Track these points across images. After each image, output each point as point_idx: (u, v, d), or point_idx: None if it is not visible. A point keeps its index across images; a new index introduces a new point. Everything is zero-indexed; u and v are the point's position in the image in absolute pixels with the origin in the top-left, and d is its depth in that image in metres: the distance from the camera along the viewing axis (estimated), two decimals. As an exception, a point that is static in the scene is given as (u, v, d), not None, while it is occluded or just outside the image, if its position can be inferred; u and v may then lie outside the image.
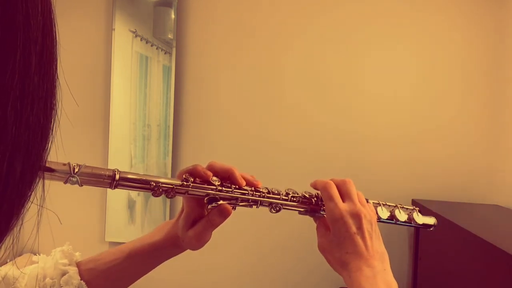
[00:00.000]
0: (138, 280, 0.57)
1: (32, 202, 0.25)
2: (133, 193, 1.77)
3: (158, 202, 1.78)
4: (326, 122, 1.69)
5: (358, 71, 1.69)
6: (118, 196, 1.77)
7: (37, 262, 0.55)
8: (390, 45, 1.67)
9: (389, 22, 1.67)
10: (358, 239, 0.49)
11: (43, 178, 0.26)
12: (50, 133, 0.26)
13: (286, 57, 1.72)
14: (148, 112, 1.77)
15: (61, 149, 0.44)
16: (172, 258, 0.58)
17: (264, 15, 1.74)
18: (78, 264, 0.56)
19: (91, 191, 1.82)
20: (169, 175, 1.77)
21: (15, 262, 0.45)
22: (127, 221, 1.77)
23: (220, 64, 1.76)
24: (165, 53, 1.75)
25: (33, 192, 0.25)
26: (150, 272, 0.58)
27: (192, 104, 1.77)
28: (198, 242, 0.54)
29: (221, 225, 0.52)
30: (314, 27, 1.71)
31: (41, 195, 0.26)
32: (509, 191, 1.49)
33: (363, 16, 1.68)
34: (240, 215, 1.77)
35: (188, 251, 0.56)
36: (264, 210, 1.81)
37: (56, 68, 0.26)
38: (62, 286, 0.52)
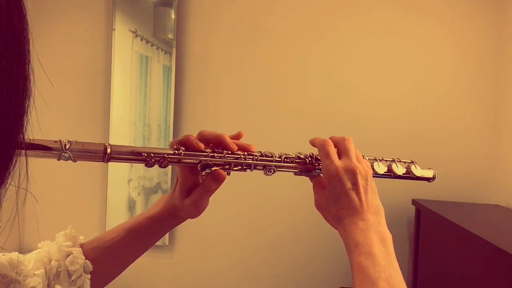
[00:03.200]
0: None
1: (9, 184, 0.25)
2: (133, 193, 1.78)
3: (158, 202, 1.78)
4: (326, 122, 1.69)
5: (358, 73, 1.69)
6: (118, 196, 1.77)
7: (41, 248, 0.55)
8: (391, 46, 1.67)
9: (389, 22, 1.67)
10: (353, 194, 0.50)
11: (26, 155, 0.26)
12: (25, 115, 0.25)
13: (286, 56, 1.72)
14: (148, 112, 1.77)
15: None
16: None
17: (264, 15, 1.74)
18: (81, 245, 0.56)
19: (91, 192, 1.82)
20: (169, 175, 1.77)
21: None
22: (127, 221, 1.77)
23: (220, 64, 1.76)
24: (165, 53, 1.75)
25: (11, 174, 0.25)
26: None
27: (192, 104, 1.77)
28: (196, 210, 0.54)
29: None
30: (313, 27, 1.71)
31: (26, 176, 0.26)
32: (509, 191, 1.49)
33: (365, 21, 1.68)
34: (240, 214, 1.78)
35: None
36: (268, 213, 1.79)
37: (29, 50, 0.25)
38: (68, 267, 0.53)
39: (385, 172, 0.59)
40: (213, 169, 0.52)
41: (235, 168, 0.53)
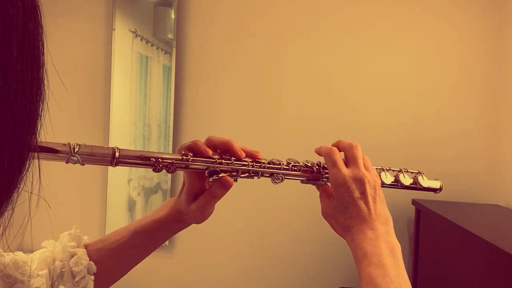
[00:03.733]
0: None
1: (23, 189, 0.25)
2: (133, 193, 1.77)
3: (158, 201, 1.78)
4: (326, 122, 1.69)
5: (358, 72, 1.69)
6: (118, 197, 1.77)
7: (45, 248, 0.55)
8: (391, 48, 1.67)
9: (389, 23, 1.67)
10: (361, 203, 0.49)
11: (38, 159, 0.26)
12: (39, 119, 0.26)
13: (286, 57, 1.72)
14: (148, 112, 1.77)
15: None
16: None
17: (264, 15, 1.74)
18: (86, 246, 0.57)
19: (91, 192, 1.82)
20: (169, 175, 1.77)
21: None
22: (127, 221, 1.77)
23: (220, 64, 1.76)
24: (165, 53, 1.75)
25: (24, 177, 0.25)
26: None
27: (192, 104, 1.77)
28: (202, 215, 0.54)
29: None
30: (313, 27, 1.71)
31: (38, 181, 0.26)
32: (509, 191, 1.49)
33: (364, 19, 1.68)
34: (240, 214, 1.77)
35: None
36: (266, 212, 1.79)
37: (43, 54, 0.25)
38: (71, 268, 0.53)
39: (392, 182, 0.58)
40: (220, 175, 0.51)
41: (242, 175, 0.53)
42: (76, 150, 0.42)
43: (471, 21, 1.63)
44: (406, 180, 0.59)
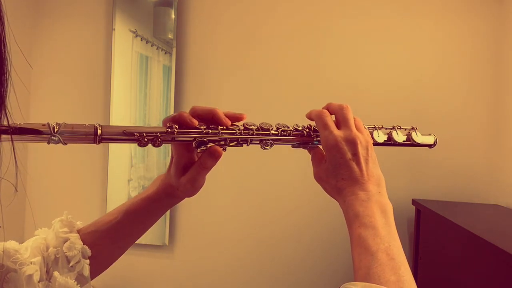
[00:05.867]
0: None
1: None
2: (133, 193, 1.77)
3: (158, 202, 1.78)
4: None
5: (359, 74, 1.69)
6: (118, 196, 1.77)
7: (38, 236, 0.55)
8: (392, 50, 1.67)
9: (390, 23, 1.67)
10: (353, 165, 0.48)
11: (12, 141, 0.25)
12: (5, 99, 0.25)
13: (287, 56, 1.72)
14: (148, 112, 1.77)
15: (61, 147, 0.44)
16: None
17: (264, 14, 1.74)
18: (79, 230, 0.56)
19: (92, 192, 1.82)
20: (169, 175, 1.77)
21: None
22: (127, 221, 1.77)
23: (220, 64, 1.76)
24: (165, 53, 1.75)
25: None
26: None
27: (192, 104, 1.76)
28: (193, 188, 0.53)
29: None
30: (313, 27, 1.71)
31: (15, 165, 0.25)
32: (509, 191, 1.49)
33: (365, 22, 1.68)
34: (240, 214, 1.77)
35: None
36: (266, 212, 1.78)
37: (4, 34, 0.24)
38: (66, 253, 0.52)
39: (385, 140, 0.57)
40: (208, 145, 0.50)
41: (231, 144, 0.51)
42: (56, 130, 0.41)
43: (472, 22, 1.63)
44: (399, 137, 0.58)
